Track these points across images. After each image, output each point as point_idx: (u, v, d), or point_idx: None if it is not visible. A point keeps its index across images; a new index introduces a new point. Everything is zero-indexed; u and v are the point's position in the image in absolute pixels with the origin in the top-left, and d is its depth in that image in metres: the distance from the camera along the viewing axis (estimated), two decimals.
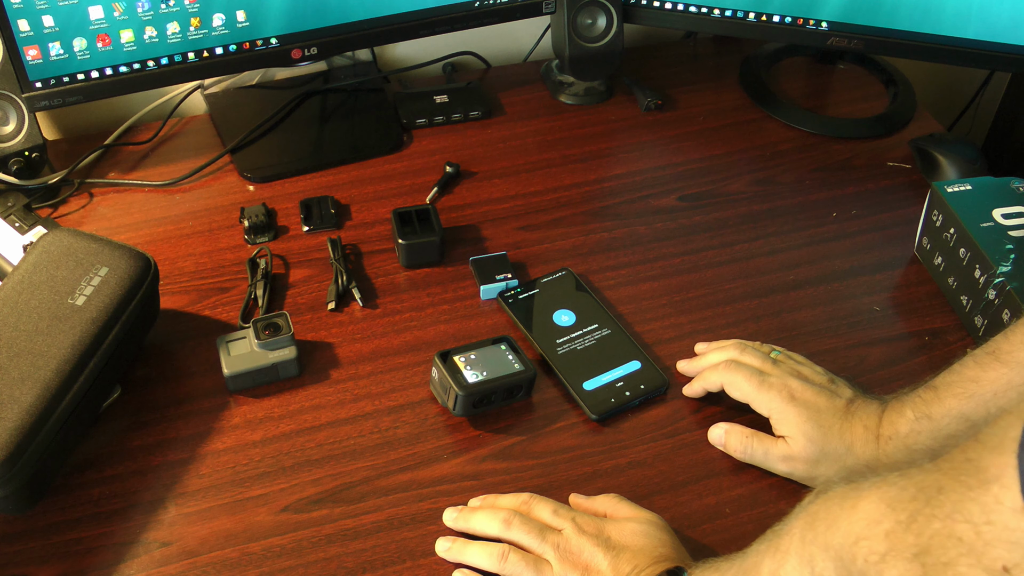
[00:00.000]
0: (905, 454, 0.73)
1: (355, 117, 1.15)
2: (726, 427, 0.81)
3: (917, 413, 0.72)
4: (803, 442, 0.76)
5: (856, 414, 0.76)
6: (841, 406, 0.77)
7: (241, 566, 0.73)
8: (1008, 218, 0.93)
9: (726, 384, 0.81)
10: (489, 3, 1.10)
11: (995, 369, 0.70)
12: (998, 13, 1.06)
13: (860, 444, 0.74)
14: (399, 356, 0.88)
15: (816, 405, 0.77)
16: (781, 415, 0.77)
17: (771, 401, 0.78)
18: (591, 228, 1.03)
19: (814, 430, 0.76)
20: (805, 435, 0.76)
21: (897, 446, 0.73)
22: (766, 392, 0.78)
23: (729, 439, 0.80)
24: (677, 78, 1.25)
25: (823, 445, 0.75)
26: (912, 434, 0.72)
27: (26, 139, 1.00)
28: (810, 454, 0.76)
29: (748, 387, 0.79)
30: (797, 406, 0.77)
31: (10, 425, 0.69)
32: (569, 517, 0.71)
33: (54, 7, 0.90)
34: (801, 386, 0.78)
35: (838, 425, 0.75)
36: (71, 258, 0.80)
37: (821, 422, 0.76)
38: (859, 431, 0.75)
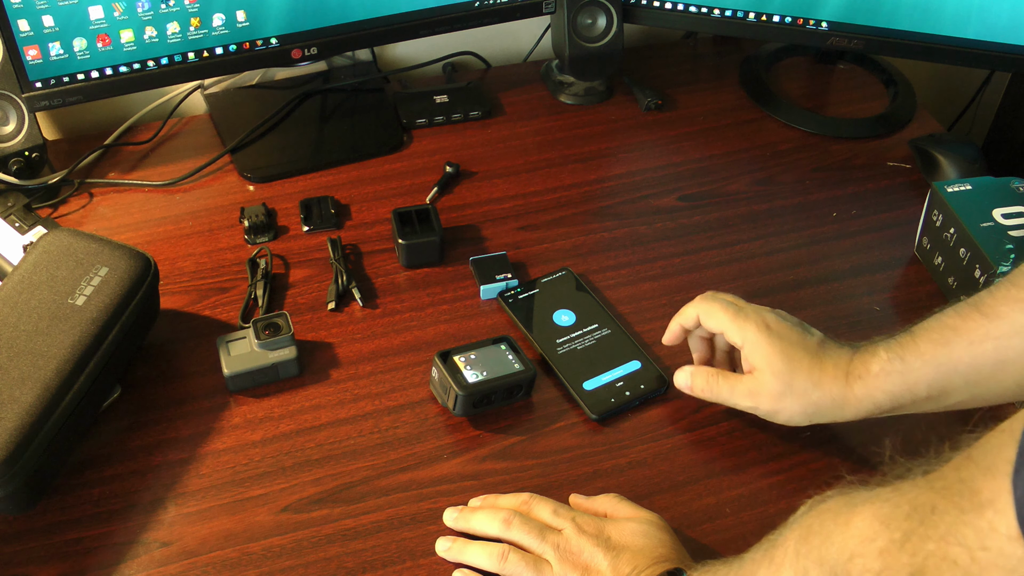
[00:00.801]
0: (871, 395, 0.73)
1: (355, 117, 1.15)
2: (691, 369, 0.81)
3: (890, 354, 0.72)
4: (769, 375, 0.75)
5: (827, 352, 0.75)
6: (813, 344, 0.76)
7: (241, 566, 0.73)
8: (1008, 218, 0.93)
9: (701, 314, 0.80)
10: (489, 3, 1.10)
11: (974, 319, 0.69)
12: (998, 13, 1.06)
13: (828, 381, 0.74)
14: (399, 356, 0.88)
15: (789, 338, 0.76)
16: (754, 345, 0.76)
17: (745, 330, 0.77)
18: (591, 228, 1.03)
19: (783, 363, 0.75)
20: (772, 367, 0.75)
21: (866, 385, 0.73)
22: (742, 321, 0.77)
23: (695, 380, 0.81)
24: (677, 78, 1.25)
25: (790, 379, 0.75)
26: (882, 374, 0.72)
27: (26, 139, 1.00)
28: (775, 388, 0.75)
29: (723, 316, 0.78)
30: (771, 336, 0.76)
31: (10, 425, 0.69)
32: (569, 517, 0.71)
33: (54, 7, 0.90)
34: (776, 320, 0.78)
35: (807, 360, 0.75)
36: (71, 258, 0.80)
37: (792, 355, 0.75)
38: (828, 368, 0.74)
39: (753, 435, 0.82)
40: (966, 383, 0.70)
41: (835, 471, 0.80)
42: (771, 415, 0.77)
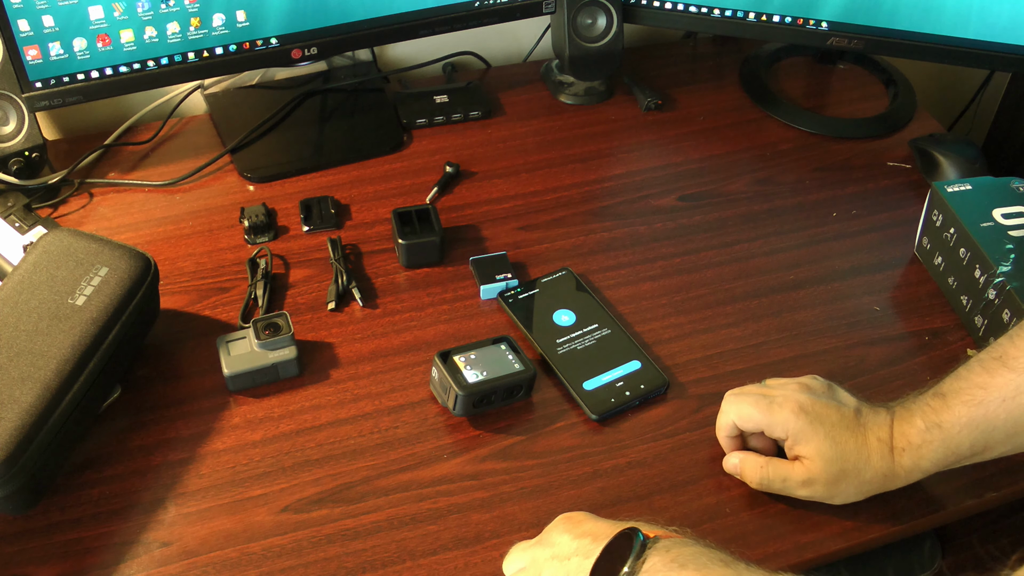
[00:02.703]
0: (918, 464, 0.72)
1: (355, 117, 1.15)
2: (740, 455, 0.79)
3: (927, 423, 0.72)
4: (821, 463, 0.73)
5: (867, 426, 0.74)
6: (851, 417, 0.74)
7: (241, 566, 0.73)
8: (1008, 218, 0.93)
9: (736, 418, 0.77)
10: (489, 3, 1.10)
11: (1002, 375, 0.69)
12: (998, 13, 1.06)
13: (876, 457, 0.73)
14: (399, 356, 0.88)
15: (829, 419, 0.74)
16: (797, 434, 0.74)
17: (785, 421, 0.74)
18: (591, 228, 1.03)
19: (831, 448, 0.73)
20: (822, 455, 0.73)
21: (911, 456, 0.72)
22: (777, 412, 0.75)
23: (745, 468, 0.78)
24: (677, 78, 1.25)
25: (842, 464, 0.73)
26: (925, 444, 0.72)
27: (26, 139, 1.00)
28: (830, 474, 0.74)
29: (757, 412, 0.76)
30: (812, 422, 0.74)
31: (10, 425, 0.69)
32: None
33: (54, 7, 0.90)
34: (809, 400, 0.75)
35: (853, 440, 0.73)
36: (71, 258, 0.80)
37: (836, 438, 0.73)
38: (873, 443, 0.73)
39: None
40: (1007, 436, 0.71)
41: None
42: (828, 499, 0.76)
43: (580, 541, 0.64)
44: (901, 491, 0.79)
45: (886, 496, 0.78)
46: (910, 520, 0.78)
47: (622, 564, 0.59)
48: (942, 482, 0.81)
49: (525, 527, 0.76)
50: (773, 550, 0.75)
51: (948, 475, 0.81)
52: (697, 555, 0.59)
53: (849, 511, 0.78)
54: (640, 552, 0.59)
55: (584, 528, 0.65)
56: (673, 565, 0.58)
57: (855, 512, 0.78)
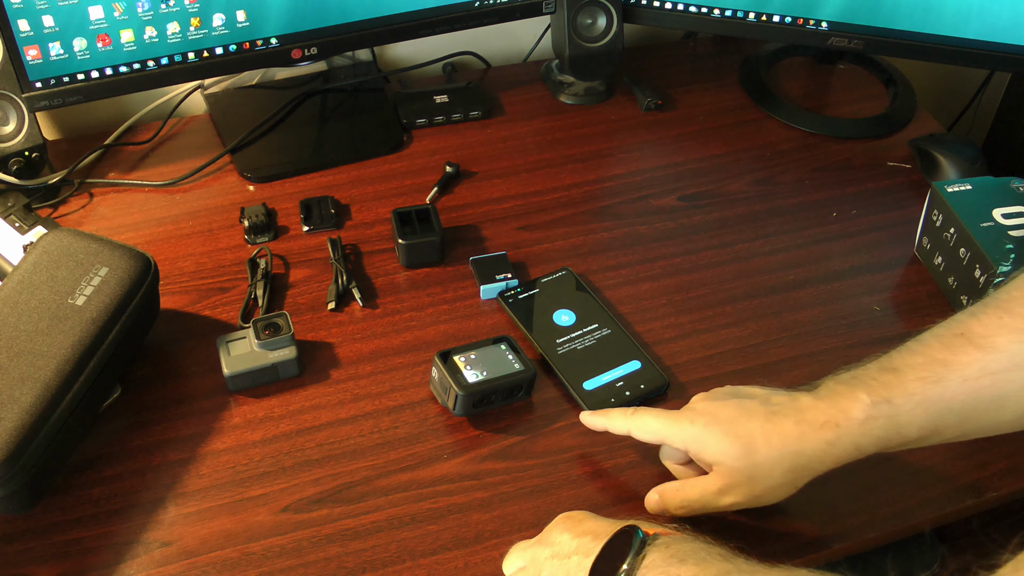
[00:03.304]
0: (855, 442, 0.66)
1: (355, 117, 1.15)
2: (658, 489, 0.74)
3: (874, 397, 0.66)
4: (729, 464, 0.68)
5: (779, 411, 0.68)
6: (755, 408, 0.69)
7: (241, 566, 0.73)
8: (1008, 218, 0.93)
9: (633, 430, 0.74)
10: (489, 3, 1.10)
11: (967, 353, 0.65)
12: (998, 13, 1.06)
13: (794, 440, 0.67)
14: (399, 356, 0.88)
15: (727, 416, 0.69)
16: (696, 440, 0.70)
17: (681, 430, 0.71)
18: (591, 228, 1.03)
19: (734, 446, 0.68)
20: (726, 454, 0.68)
21: (849, 432, 0.66)
22: (674, 422, 0.71)
23: (665, 498, 0.73)
24: (677, 78, 1.25)
25: (750, 459, 0.68)
26: (868, 420, 0.65)
27: (26, 139, 1.00)
28: (741, 476, 0.68)
29: (656, 423, 0.72)
30: (709, 424, 0.69)
31: (10, 425, 0.69)
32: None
33: (54, 7, 0.90)
34: (706, 403, 0.71)
35: (760, 430, 0.68)
36: (71, 258, 0.80)
37: (739, 433, 0.68)
38: (789, 428, 0.67)
39: None
40: (960, 420, 0.66)
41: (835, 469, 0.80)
42: (756, 502, 0.70)
43: (580, 540, 0.64)
44: (901, 491, 0.79)
45: (886, 496, 0.78)
46: (910, 520, 0.78)
47: (622, 561, 0.59)
48: (942, 482, 0.81)
49: (525, 527, 0.76)
50: (773, 550, 0.75)
51: (948, 475, 0.81)
52: (696, 550, 0.59)
53: (849, 510, 0.78)
54: (640, 549, 0.59)
55: (584, 527, 0.65)
56: (673, 560, 0.58)
57: (855, 512, 0.78)
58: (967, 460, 0.82)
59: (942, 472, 0.81)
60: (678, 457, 0.76)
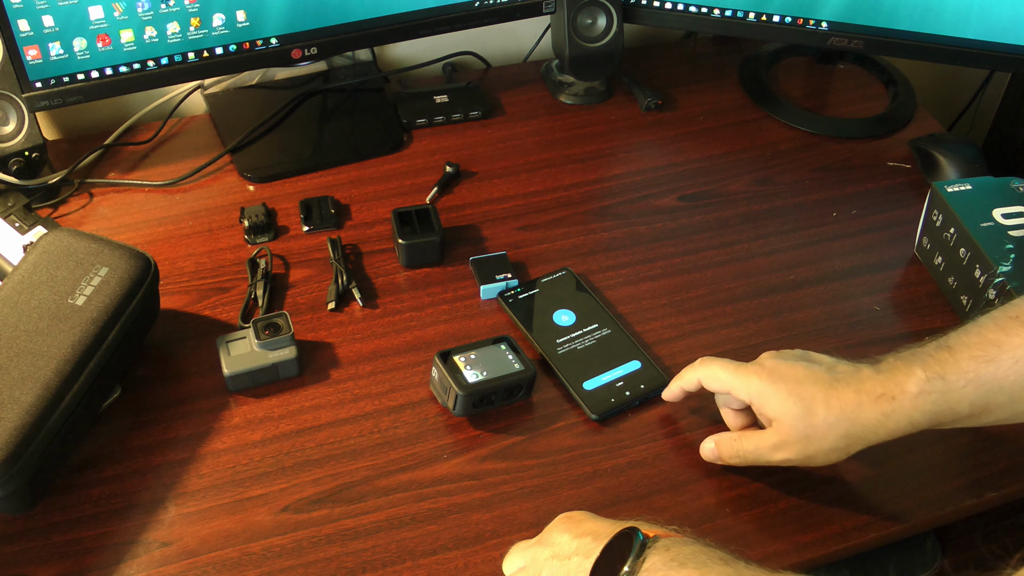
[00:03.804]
0: (909, 415, 0.69)
1: (355, 117, 1.15)
2: (715, 438, 0.78)
3: (929, 373, 0.68)
4: (788, 422, 0.71)
5: (843, 380, 0.71)
6: (822, 374, 0.72)
7: (241, 566, 0.73)
8: (1008, 218, 0.93)
9: (703, 378, 0.78)
10: (489, 3, 1.10)
11: (1019, 334, 0.67)
12: (998, 13, 1.06)
13: (852, 408, 0.70)
14: (399, 356, 0.88)
15: (795, 376, 0.72)
16: (761, 395, 0.73)
17: (749, 383, 0.74)
18: (591, 228, 1.03)
19: (796, 406, 0.71)
20: (788, 413, 0.71)
21: (903, 405, 0.69)
22: (743, 375, 0.74)
23: (721, 448, 0.77)
24: (677, 78, 1.25)
25: (809, 419, 0.71)
26: (922, 395, 0.68)
27: (26, 139, 1.00)
28: (798, 434, 0.71)
29: (724, 373, 0.76)
30: (775, 381, 0.72)
31: (10, 425, 0.69)
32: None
33: (54, 7, 0.90)
34: (775, 362, 0.74)
35: (822, 394, 0.71)
36: (71, 258, 0.80)
37: (802, 394, 0.71)
38: (849, 396, 0.70)
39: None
40: (1010, 400, 0.68)
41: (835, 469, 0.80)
42: (808, 461, 0.73)
43: (580, 540, 0.64)
44: (901, 491, 0.79)
45: (886, 496, 0.78)
46: (910, 520, 0.78)
47: (622, 564, 0.59)
48: (942, 482, 0.81)
49: (525, 527, 0.76)
50: (773, 550, 0.75)
51: (948, 475, 0.81)
52: (696, 554, 0.59)
53: (849, 511, 0.78)
54: (640, 551, 0.59)
55: (584, 527, 0.65)
56: (673, 564, 0.58)
57: (855, 512, 0.78)
58: (967, 460, 0.82)
59: (942, 472, 0.82)
60: (735, 405, 0.79)
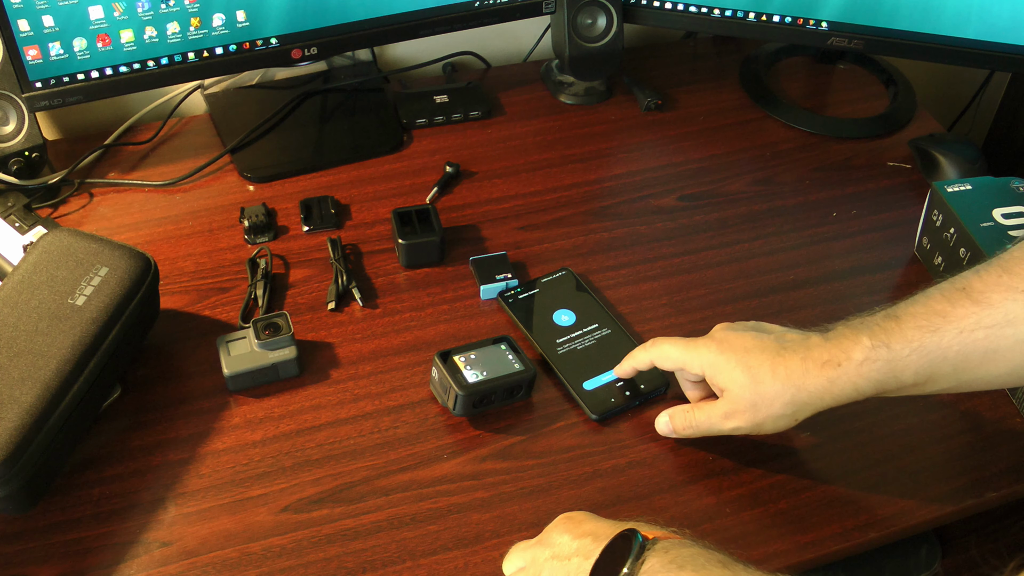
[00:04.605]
0: (854, 382, 0.70)
1: (355, 117, 1.15)
2: (669, 412, 0.80)
3: (875, 341, 0.69)
4: (736, 391, 0.73)
5: (789, 347, 0.72)
6: (770, 343, 0.73)
7: (241, 566, 0.73)
8: (1008, 218, 0.93)
9: (654, 359, 0.79)
10: (489, 3, 1.10)
11: (964, 306, 0.68)
12: (998, 13, 1.06)
13: (798, 375, 0.71)
14: (399, 356, 0.88)
15: (743, 346, 0.73)
16: (712, 366, 0.74)
17: (699, 356, 0.75)
18: (591, 228, 1.03)
19: (743, 375, 0.72)
20: (736, 382, 0.73)
21: (847, 372, 0.70)
22: (693, 349, 0.76)
23: (674, 421, 0.79)
24: (677, 78, 1.25)
25: (756, 388, 0.72)
26: (867, 362, 0.69)
27: (26, 139, 1.00)
28: (747, 401, 0.73)
29: (675, 350, 0.77)
30: (724, 351, 0.74)
31: (10, 425, 0.69)
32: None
33: (54, 7, 0.90)
34: (725, 332, 0.75)
35: (768, 362, 0.72)
36: (71, 258, 0.80)
37: (750, 363, 0.72)
38: (795, 363, 0.71)
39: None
40: (954, 370, 0.69)
41: (835, 469, 0.80)
42: (757, 429, 0.74)
43: (580, 541, 0.64)
44: (901, 491, 0.79)
45: (886, 496, 0.78)
46: (910, 520, 0.78)
47: (621, 565, 0.59)
48: (942, 482, 0.81)
49: (525, 527, 0.76)
50: (773, 550, 0.75)
51: (948, 475, 0.81)
52: (695, 556, 0.59)
53: (849, 511, 0.78)
54: (639, 553, 0.59)
55: (584, 528, 0.65)
56: (671, 566, 0.58)
57: (855, 512, 0.78)
58: (967, 460, 0.82)
59: (942, 472, 0.82)
60: (692, 378, 0.80)
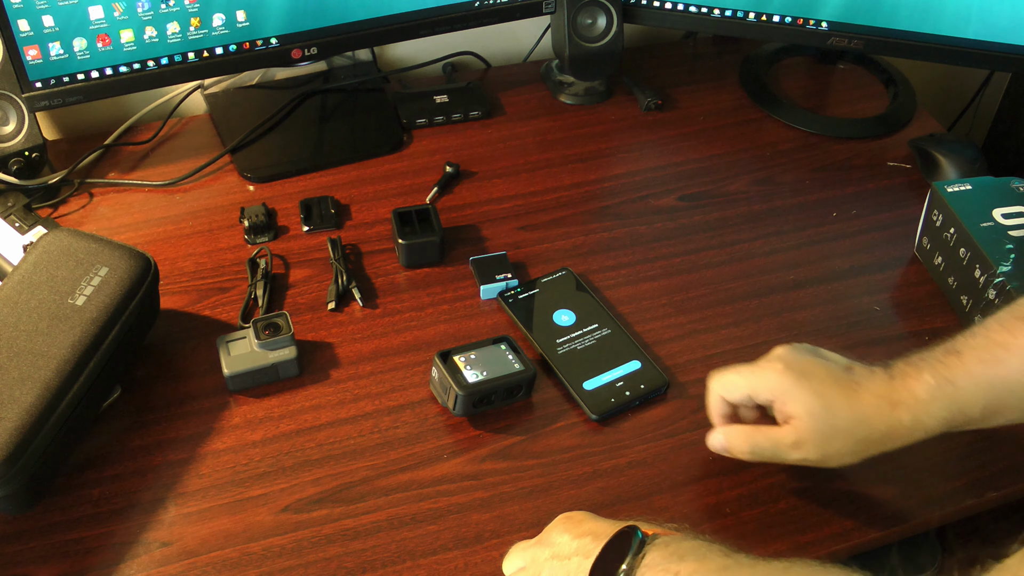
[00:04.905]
0: (921, 421, 0.68)
1: (355, 117, 1.15)
2: (724, 430, 0.75)
3: (938, 378, 0.68)
4: (810, 421, 0.69)
5: (860, 382, 0.70)
6: (839, 373, 0.71)
7: (241, 566, 0.73)
8: (1008, 218, 0.93)
9: (723, 393, 0.75)
10: (489, 3, 1.10)
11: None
12: (998, 13, 1.06)
13: (871, 413, 0.69)
14: (399, 356, 0.88)
15: (816, 374, 0.70)
16: (784, 392, 0.70)
17: (768, 380, 0.71)
18: (591, 228, 1.03)
19: (819, 405, 0.69)
20: (810, 412, 0.69)
21: (914, 412, 0.68)
22: (760, 373, 0.72)
23: (731, 441, 0.75)
24: (677, 78, 1.25)
25: (832, 420, 0.69)
26: (933, 400, 0.67)
27: (26, 139, 1.00)
28: (820, 433, 0.70)
29: (740, 378, 0.74)
30: (798, 378, 0.70)
31: (10, 425, 0.69)
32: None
33: (54, 7, 0.90)
34: (794, 356, 0.72)
35: (843, 396, 0.69)
36: (71, 258, 0.80)
37: (824, 394, 0.69)
38: (868, 400, 0.69)
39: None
40: (1020, 401, 0.68)
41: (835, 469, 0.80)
42: (823, 462, 0.71)
43: (580, 541, 0.64)
44: (901, 491, 0.79)
45: (886, 496, 0.78)
46: (910, 520, 0.78)
47: (621, 562, 0.59)
48: (942, 482, 0.81)
49: (525, 527, 0.76)
50: (773, 550, 0.75)
51: (948, 475, 0.81)
52: (696, 547, 0.59)
53: (849, 511, 0.78)
54: (639, 549, 0.60)
55: (584, 528, 0.65)
56: (673, 557, 0.59)
57: (855, 512, 0.78)
58: (967, 460, 0.82)
59: (942, 472, 0.81)
60: (749, 404, 0.75)
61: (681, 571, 0.58)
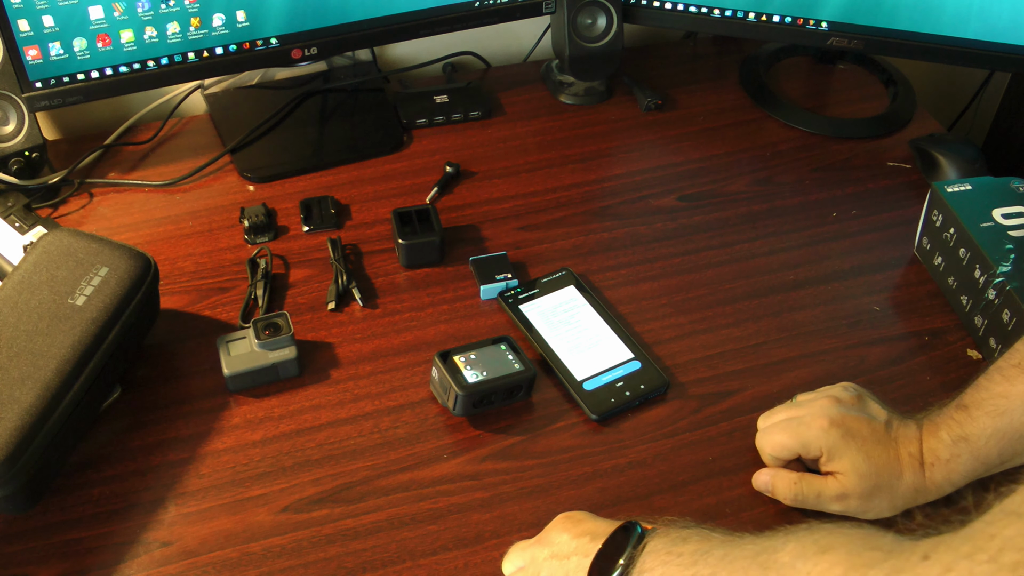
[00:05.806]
0: (949, 478, 0.72)
1: (355, 117, 1.15)
2: (771, 472, 0.78)
3: (953, 436, 0.72)
4: (855, 478, 0.73)
5: (899, 440, 0.74)
6: (882, 431, 0.74)
7: (241, 566, 0.73)
8: (1008, 218, 0.93)
9: (773, 452, 0.78)
10: (489, 3, 1.10)
11: (1022, 382, 0.70)
12: (998, 13, 1.06)
13: (908, 472, 0.73)
14: (399, 356, 0.88)
15: (861, 433, 0.74)
16: (831, 450, 0.74)
17: (817, 439, 0.74)
18: (591, 228, 1.03)
19: (864, 463, 0.73)
20: (856, 470, 0.73)
21: (942, 471, 0.72)
22: (807, 432, 0.75)
23: (777, 486, 0.77)
24: (677, 78, 1.25)
25: (876, 479, 0.73)
26: (954, 459, 0.72)
27: (26, 139, 1.00)
28: (864, 489, 0.73)
29: (789, 439, 0.76)
30: (845, 436, 0.73)
31: (10, 425, 0.69)
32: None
33: (54, 7, 0.90)
34: (840, 414, 0.75)
35: (885, 455, 0.73)
36: (71, 258, 0.80)
37: (870, 453, 0.73)
38: (905, 458, 0.73)
39: (753, 435, 0.82)
40: None
41: None
42: (860, 513, 0.74)
43: (579, 540, 0.64)
44: None
45: None
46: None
47: (620, 556, 0.60)
48: None
49: (525, 527, 0.76)
50: None
51: None
52: (698, 531, 0.61)
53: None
54: (639, 541, 0.60)
55: (584, 527, 0.65)
56: (676, 540, 0.60)
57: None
58: None
59: None
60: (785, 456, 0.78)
61: (684, 552, 0.59)
